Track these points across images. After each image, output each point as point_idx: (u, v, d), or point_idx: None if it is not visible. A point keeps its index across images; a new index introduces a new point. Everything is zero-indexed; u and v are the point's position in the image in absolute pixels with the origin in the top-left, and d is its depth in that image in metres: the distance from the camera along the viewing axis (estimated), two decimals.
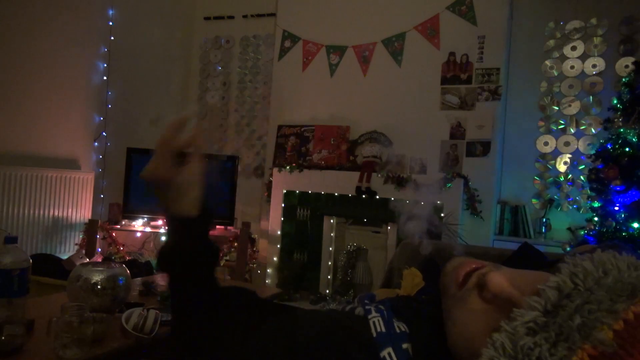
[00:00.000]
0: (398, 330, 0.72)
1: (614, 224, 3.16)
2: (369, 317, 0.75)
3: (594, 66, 3.99)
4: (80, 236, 4.05)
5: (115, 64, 4.48)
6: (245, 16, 5.26)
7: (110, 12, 4.46)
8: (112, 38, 4.46)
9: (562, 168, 4.06)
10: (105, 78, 4.44)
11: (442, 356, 0.69)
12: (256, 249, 4.43)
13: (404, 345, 0.70)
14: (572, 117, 4.05)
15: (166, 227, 0.84)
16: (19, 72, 3.72)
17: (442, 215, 3.89)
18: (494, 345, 0.52)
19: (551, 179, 4.10)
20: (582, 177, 3.96)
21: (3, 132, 3.65)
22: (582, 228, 3.40)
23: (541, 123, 4.15)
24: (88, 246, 3.94)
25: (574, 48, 4.06)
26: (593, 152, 3.44)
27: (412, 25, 4.38)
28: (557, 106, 4.11)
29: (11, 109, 3.69)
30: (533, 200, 4.15)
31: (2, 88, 3.63)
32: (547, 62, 4.15)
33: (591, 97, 4.00)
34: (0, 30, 3.59)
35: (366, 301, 0.83)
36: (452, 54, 4.22)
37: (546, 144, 4.12)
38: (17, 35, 3.69)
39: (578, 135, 4.05)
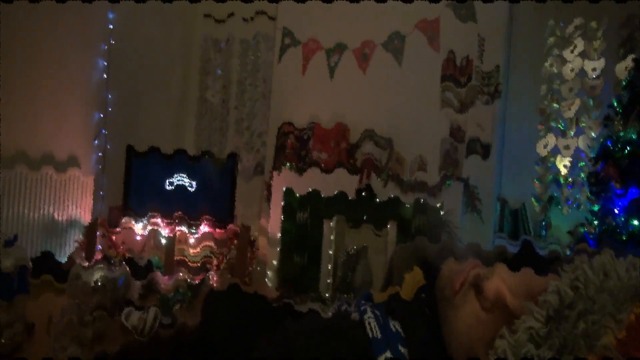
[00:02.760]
0: (394, 330, 0.72)
1: (613, 223, 3.16)
2: (365, 317, 0.75)
3: (593, 68, 3.98)
4: (81, 235, 4.04)
5: (115, 63, 4.47)
6: (245, 16, 5.24)
7: (110, 11, 4.45)
8: (112, 36, 4.45)
9: (562, 168, 4.05)
10: (105, 76, 4.42)
11: (439, 357, 0.69)
12: (256, 248, 4.43)
13: (401, 349, 0.71)
14: (572, 118, 4.04)
15: None
16: (18, 71, 3.72)
17: (442, 214, 3.88)
18: (496, 352, 0.52)
19: (551, 177, 4.08)
20: (582, 175, 3.94)
21: (3, 132, 3.64)
22: (582, 227, 3.40)
23: (541, 124, 4.14)
24: (88, 247, 3.93)
25: (574, 49, 4.05)
26: (593, 155, 3.43)
27: (412, 24, 4.38)
28: (557, 106, 4.10)
29: (11, 109, 3.68)
30: (533, 200, 4.13)
31: (1, 88, 3.62)
32: (547, 63, 4.14)
33: (591, 99, 3.99)
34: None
35: (362, 301, 0.83)
36: (451, 52, 4.21)
37: (546, 144, 4.11)
38: (16, 35, 3.68)
39: (578, 135, 4.04)
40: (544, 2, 3.94)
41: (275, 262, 4.52)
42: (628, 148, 3.15)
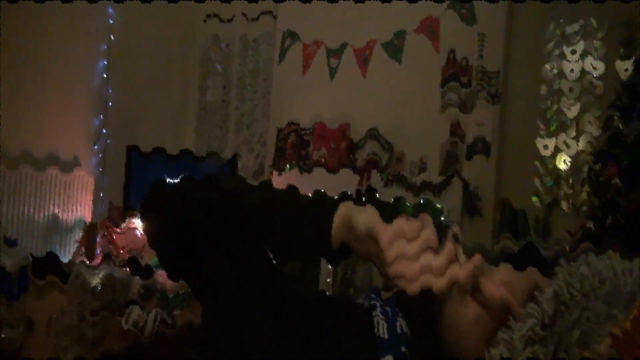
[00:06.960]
0: (399, 330, 0.72)
1: (614, 224, 3.15)
2: (374, 313, 0.75)
3: (594, 67, 3.98)
4: (81, 234, 4.03)
5: (116, 61, 4.47)
6: (245, 15, 5.24)
7: (110, 9, 4.45)
8: (112, 35, 4.45)
9: (562, 167, 4.05)
10: (105, 75, 4.42)
11: (439, 357, 0.69)
12: None
13: (403, 349, 0.71)
14: (573, 118, 4.04)
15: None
16: (17, 71, 3.71)
17: (442, 218, 3.88)
18: (495, 353, 0.52)
19: (551, 178, 4.08)
20: (582, 176, 3.94)
21: (7, 132, 3.64)
22: (583, 228, 3.39)
23: (542, 124, 4.14)
24: (88, 248, 3.92)
25: (574, 50, 4.05)
26: (593, 152, 3.43)
27: (412, 24, 4.38)
28: (557, 107, 4.09)
29: (10, 108, 3.68)
30: (533, 198, 4.13)
31: (4, 87, 3.61)
32: (548, 64, 4.13)
33: (591, 98, 3.98)
34: None
35: (372, 295, 0.83)
36: (452, 51, 4.22)
37: (546, 144, 4.11)
38: (15, 33, 3.68)
39: (579, 135, 4.03)
40: (545, 2, 3.94)
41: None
42: (629, 148, 3.15)
